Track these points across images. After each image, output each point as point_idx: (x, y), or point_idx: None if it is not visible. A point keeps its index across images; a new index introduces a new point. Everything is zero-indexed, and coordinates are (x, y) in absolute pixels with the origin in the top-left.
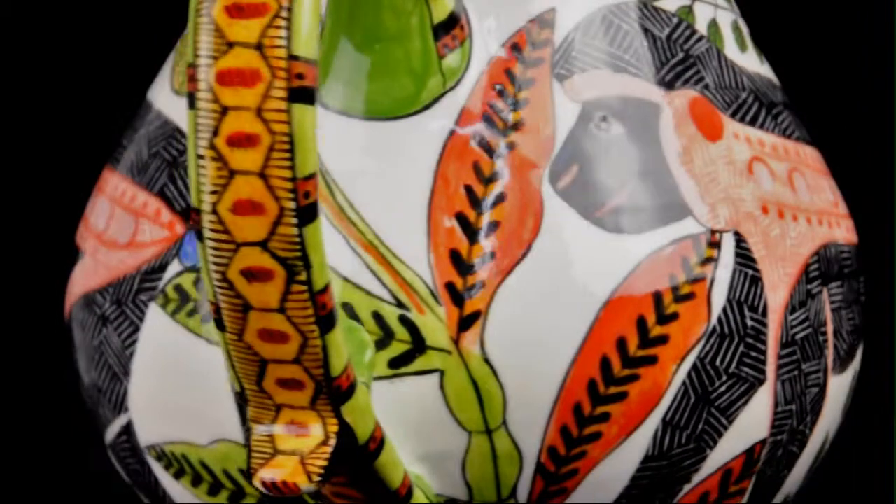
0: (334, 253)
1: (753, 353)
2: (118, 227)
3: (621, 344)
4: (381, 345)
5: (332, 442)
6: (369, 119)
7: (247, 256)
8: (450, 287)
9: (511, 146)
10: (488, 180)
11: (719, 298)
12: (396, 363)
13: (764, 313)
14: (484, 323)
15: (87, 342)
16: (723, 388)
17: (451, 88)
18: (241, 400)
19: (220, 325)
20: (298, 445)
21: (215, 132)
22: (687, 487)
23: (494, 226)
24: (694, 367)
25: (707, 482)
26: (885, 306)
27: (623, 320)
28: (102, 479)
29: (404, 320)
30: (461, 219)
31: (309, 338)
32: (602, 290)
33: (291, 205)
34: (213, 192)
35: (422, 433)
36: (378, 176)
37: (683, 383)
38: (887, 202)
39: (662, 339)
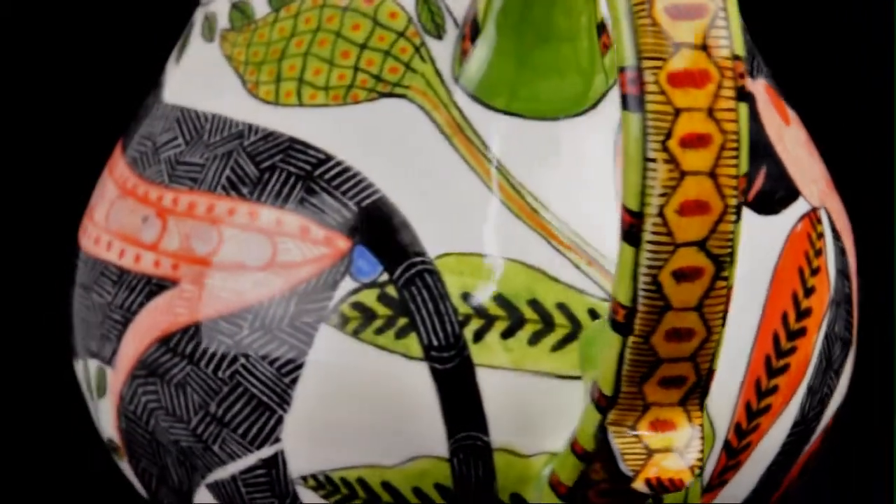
0: (541, 254)
1: (849, 318)
2: (241, 248)
3: (784, 319)
4: None
5: (701, 435)
6: (542, 119)
7: (683, 257)
8: None
9: None
10: None
11: (831, 270)
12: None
13: (850, 280)
14: None
15: (199, 379)
16: (837, 352)
17: (613, 85)
18: (607, 404)
19: (623, 328)
20: (669, 443)
21: (668, 134)
22: (806, 448)
23: None
24: (825, 335)
25: (816, 440)
26: (885, 306)
27: (784, 296)
28: (102, 479)
29: None
30: None
31: (713, 333)
32: (766, 269)
33: (734, 202)
34: (662, 195)
35: None
36: (562, 176)
37: (819, 351)
38: (887, 202)
39: (808, 312)
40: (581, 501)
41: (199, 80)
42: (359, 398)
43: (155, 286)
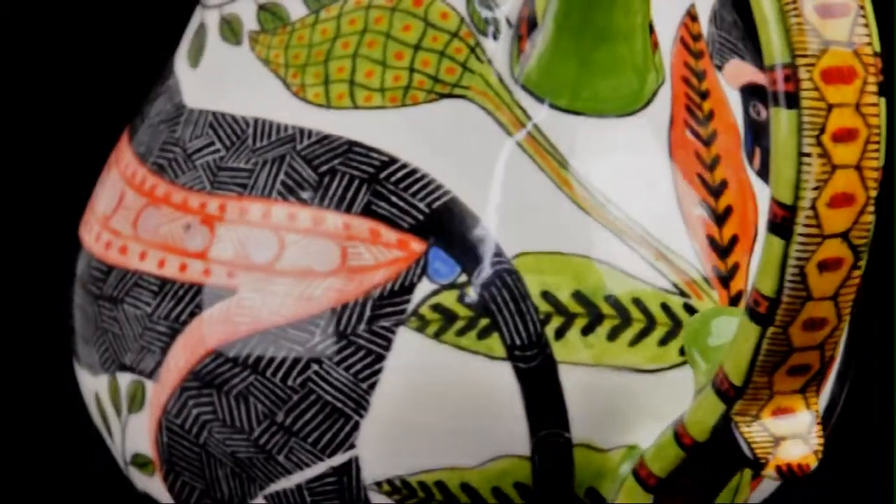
0: (613, 250)
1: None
2: (306, 254)
3: None
4: (671, 335)
5: (818, 420)
6: (602, 117)
7: (828, 248)
8: (716, 271)
9: (714, 134)
10: (710, 167)
11: None
12: (685, 350)
13: None
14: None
15: (264, 388)
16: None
17: (663, 83)
18: (735, 394)
19: (764, 319)
20: (791, 429)
21: (822, 129)
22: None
23: (729, 210)
24: None
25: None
26: (885, 306)
27: None
28: (102, 479)
29: (688, 308)
30: (705, 206)
31: (842, 321)
32: None
33: (874, 193)
34: (815, 188)
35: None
36: (624, 172)
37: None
38: (887, 202)
39: None
40: (667, 493)
41: (228, 84)
42: (441, 400)
43: (208, 295)
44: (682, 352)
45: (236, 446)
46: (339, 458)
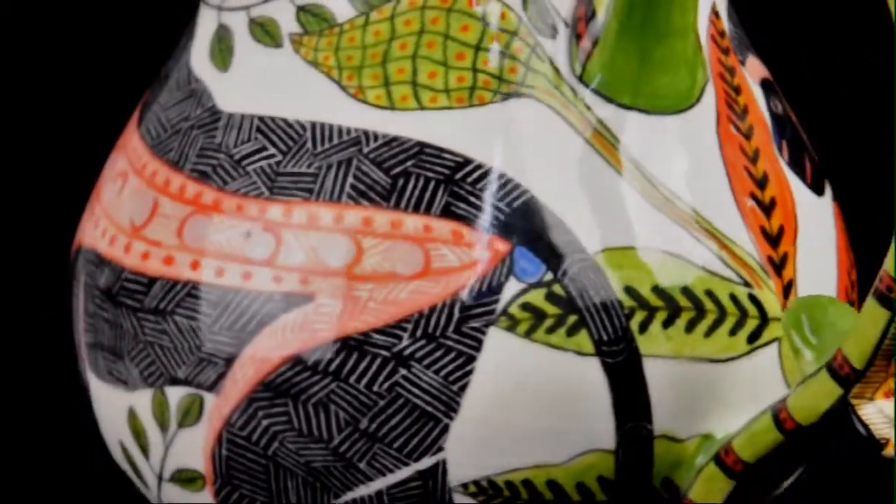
0: (683, 243)
1: None
2: (387, 258)
3: (847, 294)
4: (739, 325)
5: None
6: (662, 114)
7: None
8: (770, 260)
9: (751, 128)
10: (753, 161)
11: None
12: (752, 339)
13: None
14: (795, 289)
15: (347, 395)
16: None
17: (707, 80)
18: (855, 377)
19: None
20: None
21: None
22: None
23: (774, 201)
24: None
25: None
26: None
27: (843, 273)
28: (102, 479)
29: (752, 298)
30: (755, 198)
31: None
32: (832, 246)
33: None
34: None
35: (770, 400)
36: (684, 167)
37: None
38: (887, 202)
39: (855, 286)
40: (750, 480)
41: (271, 87)
42: (531, 399)
43: (280, 303)
44: (749, 340)
45: (311, 456)
46: (425, 462)
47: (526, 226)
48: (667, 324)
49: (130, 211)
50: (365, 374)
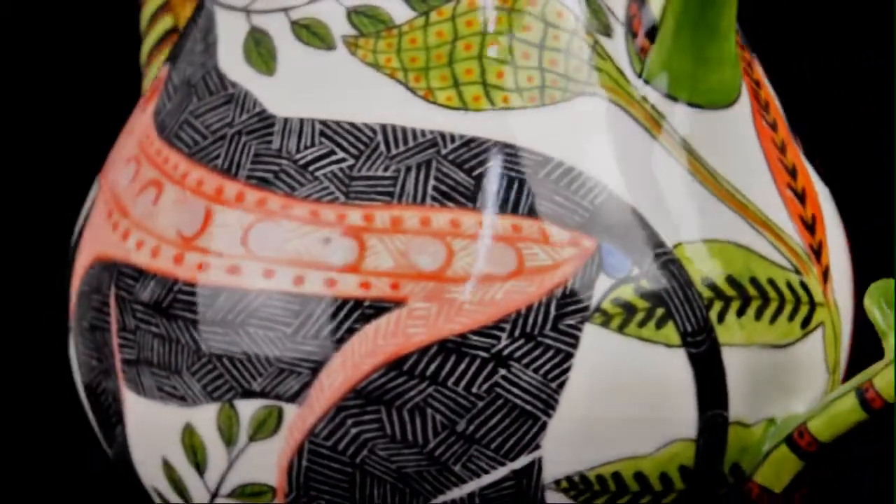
0: (746, 234)
1: None
2: (480, 259)
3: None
4: (795, 311)
5: None
6: (715, 109)
7: None
8: (811, 248)
9: (775, 122)
10: (783, 153)
11: None
12: (804, 324)
13: None
14: (830, 276)
15: (445, 398)
16: None
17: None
18: None
19: None
20: None
21: None
22: None
23: (804, 192)
24: None
25: None
26: None
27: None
28: (102, 479)
29: (802, 284)
30: (791, 188)
31: None
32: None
33: None
34: None
35: (817, 383)
36: (737, 160)
37: None
38: (887, 202)
39: None
40: (821, 460)
41: (328, 90)
42: (625, 392)
43: (369, 309)
44: (802, 325)
45: (404, 461)
46: (521, 461)
47: (609, 222)
48: (740, 313)
49: (175, 221)
50: (463, 376)
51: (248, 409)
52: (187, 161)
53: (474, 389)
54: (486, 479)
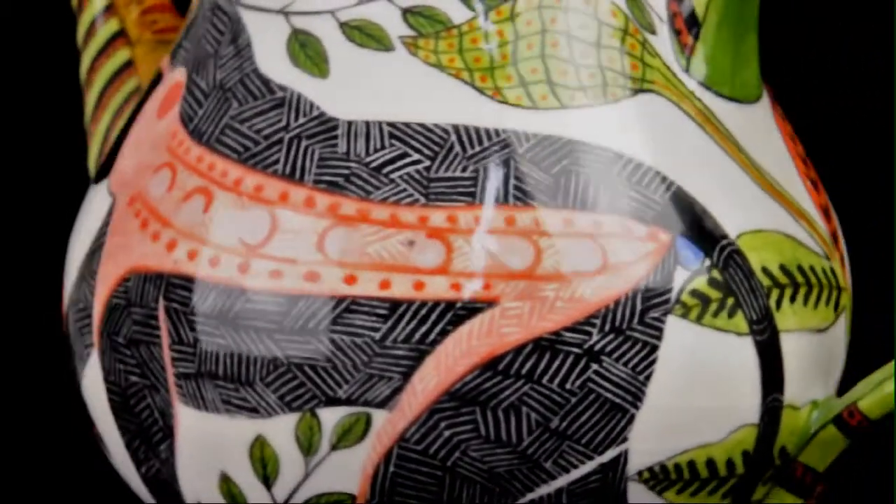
0: (789, 224)
1: None
2: (568, 256)
3: None
4: (830, 296)
5: None
6: (749, 103)
7: None
8: (832, 234)
9: (783, 114)
10: (795, 144)
11: None
12: (836, 308)
13: None
14: (846, 262)
15: (540, 396)
16: None
17: None
18: None
19: None
20: None
21: None
22: None
23: (817, 182)
24: None
25: None
26: (886, 305)
27: None
28: (102, 479)
29: (832, 270)
30: (809, 178)
31: None
32: None
33: None
34: None
35: (841, 365)
36: (772, 153)
37: None
38: (887, 202)
39: None
40: (866, 436)
41: (392, 92)
42: (703, 381)
43: (462, 310)
44: (835, 309)
45: (496, 461)
46: (609, 454)
47: (681, 215)
48: (792, 299)
49: (234, 229)
50: (558, 373)
51: (331, 417)
52: (239, 167)
53: (568, 386)
54: (575, 475)
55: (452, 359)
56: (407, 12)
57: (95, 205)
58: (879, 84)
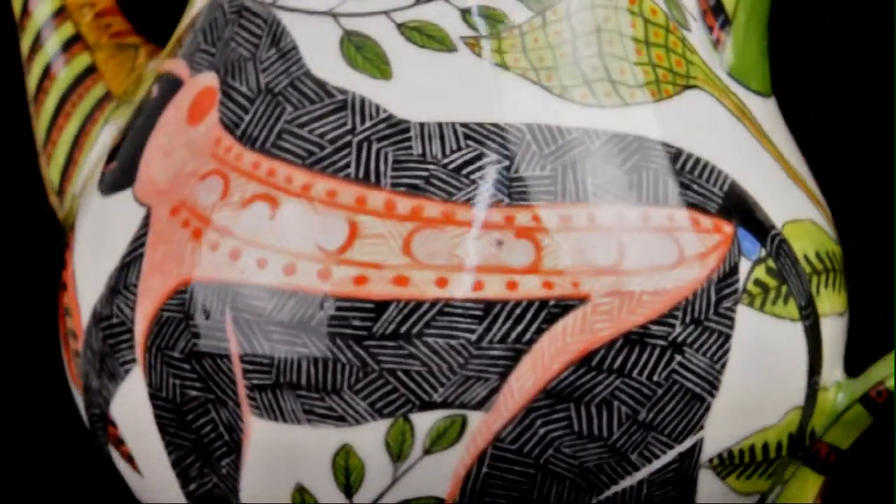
0: (813, 212)
1: None
2: (647, 250)
3: None
4: (843, 280)
5: None
6: (767, 97)
7: None
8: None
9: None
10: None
11: None
12: (846, 292)
13: None
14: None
15: (630, 389)
16: None
17: None
18: None
19: None
20: None
21: None
22: None
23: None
24: None
25: None
26: (886, 306)
27: None
28: (103, 479)
29: (841, 255)
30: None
31: None
32: None
33: None
34: None
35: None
36: (790, 146)
37: None
38: (887, 202)
39: None
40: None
41: (460, 92)
42: (767, 367)
43: (555, 308)
44: (847, 293)
45: (587, 456)
46: (687, 443)
47: (738, 207)
48: (826, 285)
49: (308, 235)
50: (646, 365)
51: (425, 421)
52: (305, 172)
53: (655, 378)
54: (656, 465)
55: (549, 357)
56: (466, 12)
57: (118, 215)
58: (880, 83)
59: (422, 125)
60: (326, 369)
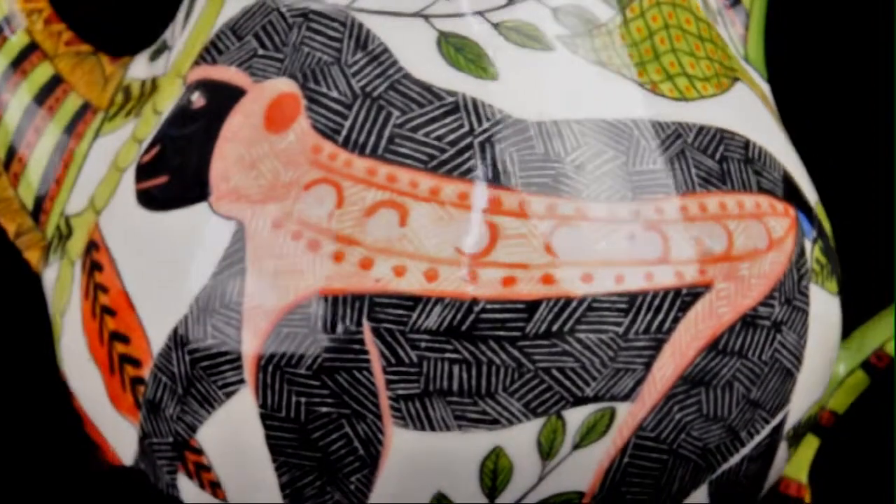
0: (815, 196)
1: None
2: (748, 237)
3: None
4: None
5: None
6: (767, 81)
7: None
8: None
9: None
10: None
11: None
12: None
13: None
14: None
15: (746, 370)
16: None
17: None
18: None
19: None
20: None
21: None
22: None
23: None
24: None
25: None
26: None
27: None
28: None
29: None
30: None
31: None
32: None
33: None
34: None
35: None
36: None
37: None
38: (888, 202)
39: None
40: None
41: (566, 90)
42: (825, 341)
43: (687, 296)
44: None
45: (710, 437)
46: (778, 417)
47: (793, 192)
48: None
49: (447, 239)
50: (757, 346)
51: (577, 416)
52: (429, 176)
53: (763, 357)
54: (756, 440)
55: (685, 344)
56: (557, 12)
57: (188, 231)
58: (880, 83)
59: (539, 124)
60: (480, 373)
